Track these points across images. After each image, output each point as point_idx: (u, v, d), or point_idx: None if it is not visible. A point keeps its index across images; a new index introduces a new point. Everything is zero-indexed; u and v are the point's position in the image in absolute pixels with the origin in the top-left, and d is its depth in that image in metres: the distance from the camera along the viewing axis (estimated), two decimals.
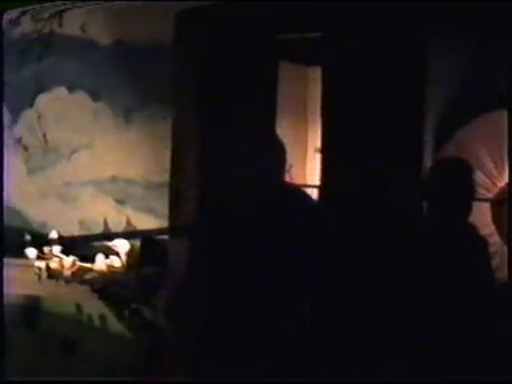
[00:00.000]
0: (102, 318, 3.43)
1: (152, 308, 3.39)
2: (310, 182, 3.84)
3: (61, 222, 3.88)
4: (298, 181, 3.84)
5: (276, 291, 3.00)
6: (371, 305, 2.80)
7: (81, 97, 3.84)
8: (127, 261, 3.49)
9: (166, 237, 3.48)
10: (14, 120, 4.01)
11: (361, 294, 2.84)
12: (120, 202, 3.77)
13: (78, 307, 3.44)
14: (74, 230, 3.84)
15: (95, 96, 3.81)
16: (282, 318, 3.00)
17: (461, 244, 2.78)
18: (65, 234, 3.83)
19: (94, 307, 3.41)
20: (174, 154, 3.42)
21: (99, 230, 3.77)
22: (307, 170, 4.00)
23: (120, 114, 3.75)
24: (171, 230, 3.38)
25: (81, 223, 3.86)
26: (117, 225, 3.75)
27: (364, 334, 2.79)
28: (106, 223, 3.77)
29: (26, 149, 4.01)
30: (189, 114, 3.39)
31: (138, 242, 3.58)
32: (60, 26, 3.87)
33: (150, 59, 3.63)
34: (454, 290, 2.62)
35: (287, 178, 3.39)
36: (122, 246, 3.51)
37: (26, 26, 3.95)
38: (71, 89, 3.87)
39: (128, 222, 3.72)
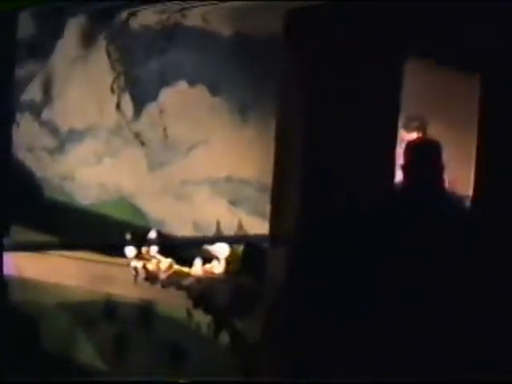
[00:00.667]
0: (208, 325, 3.26)
1: (250, 318, 3.15)
2: None
3: (176, 221, 3.73)
4: None
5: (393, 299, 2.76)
6: None
7: (200, 91, 3.65)
8: (226, 267, 3.25)
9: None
10: (136, 114, 3.90)
11: None
12: (233, 203, 3.54)
13: (189, 313, 3.28)
14: (188, 231, 3.66)
15: (214, 90, 3.60)
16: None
17: None
18: (179, 234, 3.68)
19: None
20: (278, 154, 3.15)
21: (211, 232, 3.56)
22: None
23: (236, 111, 3.52)
24: (272, 236, 3.11)
25: (194, 224, 3.67)
26: (228, 228, 3.52)
27: None
28: (218, 225, 3.56)
29: (144, 144, 3.88)
30: (295, 113, 3.11)
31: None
32: (183, 16, 3.71)
33: (267, 54, 3.38)
34: None
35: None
36: (221, 250, 3.28)
37: (150, 17, 3.81)
38: (191, 82, 3.69)
39: (240, 226, 3.47)
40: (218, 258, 3.28)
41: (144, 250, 3.37)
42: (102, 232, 3.94)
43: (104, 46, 4.01)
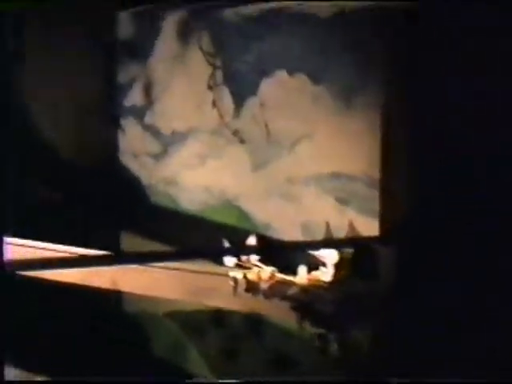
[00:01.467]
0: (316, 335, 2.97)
1: (361, 331, 2.84)
2: None
3: (283, 223, 3.43)
4: None
5: None
6: None
7: (301, 80, 3.33)
8: (335, 274, 2.92)
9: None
10: (236, 110, 3.62)
11: None
12: (342, 202, 3.20)
13: (296, 323, 3.01)
14: (296, 234, 3.35)
15: (315, 78, 3.27)
16: None
17: None
18: (286, 237, 3.38)
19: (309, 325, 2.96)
20: (385, 145, 2.81)
21: (320, 234, 3.24)
22: None
23: (341, 99, 3.18)
24: (383, 235, 2.78)
25: (302, 226, 3.35)
26: (338, 229, 3.19)
27: None
28: (328, 227, 3.23)
29: (243, 141, 3.60)
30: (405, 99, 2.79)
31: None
32: (279, 1, 3.41)
33: (371, 36, 3.05)
34: None
35: None
36: (329, 255, 2.95)
37: (245, 6, 3.53)
38: (291, 71, 3.37)
39: (351, 227, 3.13)
40: (325, 264, 2.95)
41: (244, 257, 3.08)
42: (208, 238, 3.71)
43: (198, 40, 3.76)
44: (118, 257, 3.20)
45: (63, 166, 4.30)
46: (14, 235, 3.27)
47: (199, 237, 3.81)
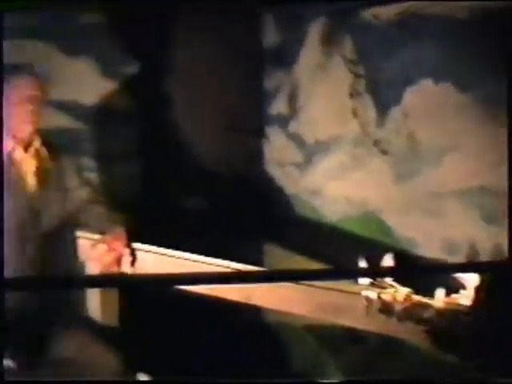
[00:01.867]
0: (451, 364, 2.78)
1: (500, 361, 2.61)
2: None
3: (424, 239, 3.24)
4: None
5: None
6: None
7: (446, 88, 3.13)
8: (475, 298, 2.70)
9: None
10: (379, 120, 3.47)
11: None
12: (488, 219, 2.97)
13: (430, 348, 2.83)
14: (436, 252, 3.16)
15: (461, 86, 3.06)
16: None
17: None
18: (426, 255, 3.20)
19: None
20: None
21: (463, 253, 3.03)
22: None
23: (488, 108, 2.96)
24: None
25: (445, 243, 3.15)
26: (482, 249, 2.97)
27: None
28: (471, 246, 3.01)
29: (385, 152, 3.43)
30: None
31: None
32: (424, 4, 3.22)
33: None
34: None
35: None
36: (470, 278, 2.73)
37: (387, 10, 3.37)
38: (436, 79, 3.18)
39: (496, 247, 2.90)
40: (464, 287, 2.74)
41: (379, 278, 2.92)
42: (347, 249, 3.59)
43: (340, 47, 3.64)
44: (267, 274, 3.09)
45: (208, 175, 4.30)
46: (155, 244, 3.29)
47: (339, 248, 3.69)
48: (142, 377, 3.37)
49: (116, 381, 2.91)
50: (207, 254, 3.14)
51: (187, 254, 3.17)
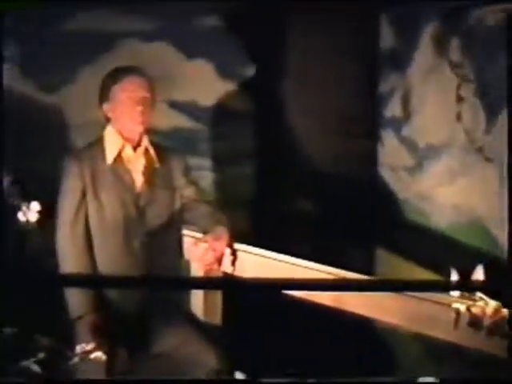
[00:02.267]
0: None
1: None
2: None
3: None
4: None
5: None
6: None
7: None
8: None
9: None
10: (487, 126, 3.34)
11: None
12: None
13: None
14: None
15: None
16: None
17: None
18: None
19: None
20: None
21: None
22: None
23: None
24: None
25: None
26: None
27: None
28: None
29: (490, 160, 3.30)
30: None
31: None
32: None
33: None
34: None
35: None
36: None
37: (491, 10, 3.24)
38: None
39: None
40: None
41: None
42: (454, 258, 3.49)
43: (449, 50, 3.54)
44: (376, 283, 3.05)
45: (320, 177, 4.30)
46: (261, 246, 3.32)
47: (447, 255, 3.60)
48: (239, 375, 3.42)
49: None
50: (314, 259, 3.12)
51: (290, 258, 3.17)
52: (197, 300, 3.55)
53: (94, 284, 3.12)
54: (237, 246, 3.35)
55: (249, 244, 3.33)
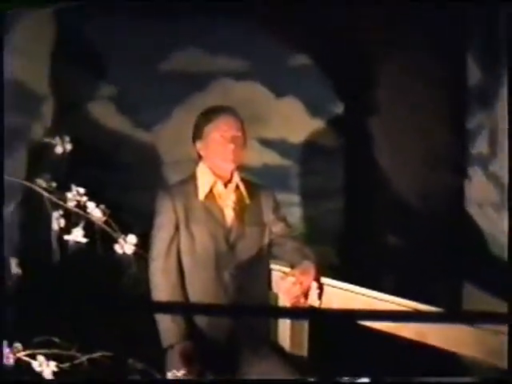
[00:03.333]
0: None
1: None
2: None
3: None
4: None
5: None
6: None
7: None
8: None
9: None
10: None
11: None
12: None
13: None
14: None
15: None
16: None
17: None
18: None
19: None
20: None
21: None
22: None
23: None
24: None
25: None
26: None
27: None
28: None
29: None
30: None
31: None
32: None
33: None
34: None
35: None
36: None
37: None
38: None
39: None
40: None
41: None
42: None
43: None
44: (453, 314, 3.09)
45: (407, 212, 4.34)
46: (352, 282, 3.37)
47: None
48: None
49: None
50: (401, 294, 3.15)
51: (376, 293, 3.21)
52: (284, 332, 3.63)
53: (185, 311, 3.27)
54: (323, 280, 3.42)
55: (338, 278, 3.39)
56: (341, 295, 3.37)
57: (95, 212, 2.83)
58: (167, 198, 3.53)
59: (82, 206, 2.85)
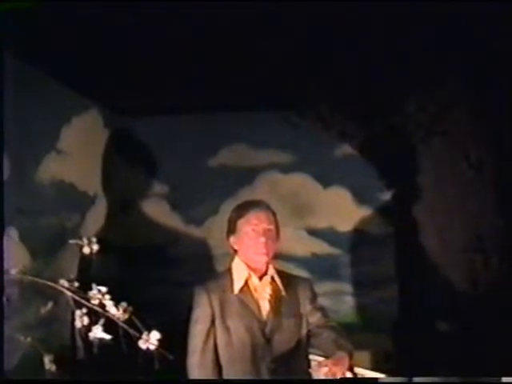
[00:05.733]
0: None
1: None
2: None
3: None
4: None
5: None
6: None
7: None
8: None
9: None
10: None
11: None
12: None
13: None
14: None
15: None
16: None
17: None
18: None
19: None
20: None
21: None
22: None
23: None
24: None
25: None
26: None
27: None
28: None
29: None
30: None
31: None
32: None
33: None
34: None
35: None
36: None
37: None
38: None
39: None
40: None
41: None
42: None
43: None
44: None
45: (456, 297, 4.25)
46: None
47: None
48: None
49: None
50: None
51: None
52: None
53: None
54: (358, 370, 3.39)
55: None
56: None
57: (113, 309, 2.92)
58: (203, 293, 3.58)
59: (102, 305, 2.96)
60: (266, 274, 3.60)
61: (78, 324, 2.95)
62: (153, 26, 3.64)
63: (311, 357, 3.60)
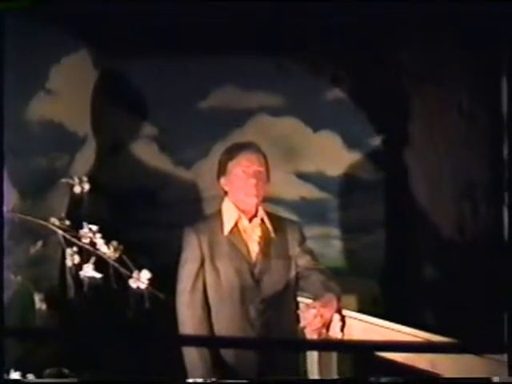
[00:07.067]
0: None
1: None
2: None
3: None
4: None
5: None
6: None
7: None
8: None
9: None
10: None
11: None
12: None
13: None
14: None
15: None
16: None
17: None
18: None
19: None
20: None
21: None
22: None
23: None
24: None
25: None
26: None
27: None
28: None
29: None
30: None
31: None
32: None
33: None
34: None
35: None
36: None
37: None
38: None
39: None
40: None
41: None
42: None
43: None
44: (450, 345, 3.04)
45: (444, 244, 4.28)
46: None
47: None
48: None
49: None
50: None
51: (393, 324, 3.19)
52: (312, 363, 3.63)
53: (211, 345, 3.32)
54: (346, 312, 3.42)
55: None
56: (364, 328, 3.35)
57: (104, 248, 2.94)
58: (193, 234, 3.59)
59: (93, 243, 2.97)
60: (255, 216, 3.62)
61: (68, 262, 2.96)
62: None
63: (299, 299, 3.63)
